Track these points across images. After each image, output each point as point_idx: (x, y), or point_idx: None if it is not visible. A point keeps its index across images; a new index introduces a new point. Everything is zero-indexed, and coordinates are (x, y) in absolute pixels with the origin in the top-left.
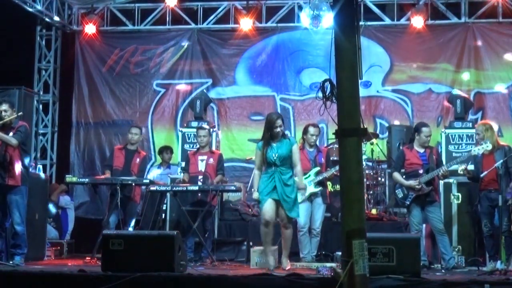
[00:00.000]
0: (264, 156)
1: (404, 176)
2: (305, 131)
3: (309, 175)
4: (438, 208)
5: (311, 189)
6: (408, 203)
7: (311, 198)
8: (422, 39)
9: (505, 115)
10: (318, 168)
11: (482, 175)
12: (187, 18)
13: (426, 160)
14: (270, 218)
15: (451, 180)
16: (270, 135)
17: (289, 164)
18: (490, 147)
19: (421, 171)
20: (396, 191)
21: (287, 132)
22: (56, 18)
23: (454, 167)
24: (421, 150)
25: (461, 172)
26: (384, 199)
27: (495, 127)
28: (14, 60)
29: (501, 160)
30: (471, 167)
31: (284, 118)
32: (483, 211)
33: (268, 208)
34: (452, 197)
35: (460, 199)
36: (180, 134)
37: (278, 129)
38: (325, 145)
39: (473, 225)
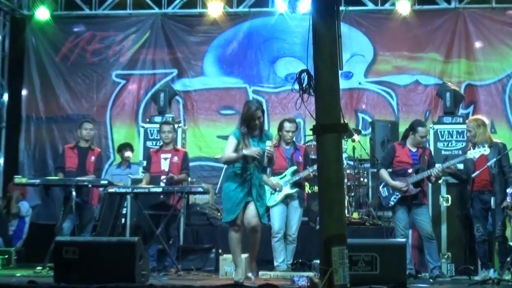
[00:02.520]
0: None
1: (391, 174)
2: (281, 127)
3: (285, 174)
4: (426, 211)
5: (287, 190)
6: (392, 204)
7: (286, 200)
8: (409, 26)
9: (499, 109)
10: (295, 168)
11: (473, 175)
12: (149, 2)
13: (417, 160)
14: (241, 222)
15: (440, 181)
16: (247, 128)
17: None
18: (487, 151)
19: (410, 171)
20: (381, 189)
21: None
22: (4, 2)
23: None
24: (414, 149)
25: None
26: (366, 201)
27: (488, 122)
28: None
29: (494, 159)
30: (460, 166)
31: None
32: (475, 215)
33: (241, 212)
34: (441, 199)
35: (450, 202)
36: (142, 130)
37: (257, 122)
38: (302, 142)
39: (464, 230)
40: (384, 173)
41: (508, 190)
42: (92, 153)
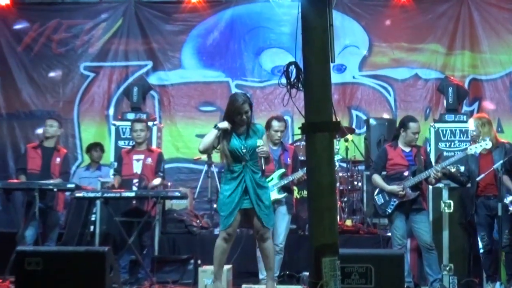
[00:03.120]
0: (226, 149)
1: (385, 179)
2: (268, 126)
3: (272, 178)
4: (425, 218)
5: (274, 195)
6: (389, 211)
7: (274, 206)
8: (408, 14)
9: (506, 106)
10: (283, 170)
11: (478, 179)
12: None
13: (413, 160)
14: (233, 231)
15: (441, 185)
16: (233, 123)
17: (257, 159)
18: (489, 145)
19: (406, 174)
20: (376, 197)
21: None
22: None
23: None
24: (407, 149)
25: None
26: (361, 207)
27: (494, 121)
28: None
29: (501, 161)
30: (461, 168)
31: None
32: (480, 222)
33: (236, 220)
34: (443, 205)
35: (452, 208)
36: (113, 128)
37: (244, 117)
38: (290, 142)
39: (468, 239)
40: (378, 178)
41: (508, 199)
42: (57, 154)
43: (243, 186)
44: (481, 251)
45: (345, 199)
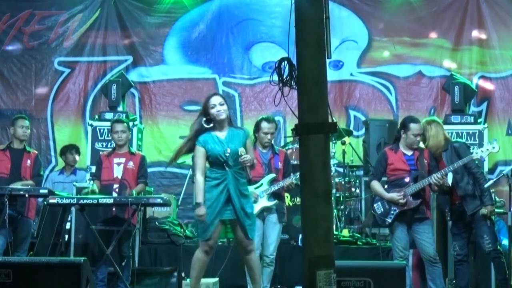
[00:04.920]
0: (207, 154)
1: (386, 186)
2: (258, 128)
3: (262, 183)
4: (429, 228)
5: (264, 202)
6: (390, 221)
7: (263, 214)
8: (411, 6)
9: None
10: (273, 175)
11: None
12: None
13: (415, 165)
14: (215, 243)
15: None
16: (206, 123)
17: (242, 165)
18: (497, 148)
19: (407, 180)
20: (375, 205)
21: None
22: None
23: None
24: (409, 153)
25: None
26: (359, 216)
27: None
28: None
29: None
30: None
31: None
32: (452, 230)
33: (217, 230)
34: (448, 213)
35: None
36: (89, 129)
37: (219, 108)
38: (282, 144)
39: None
40: (377, 185)
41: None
42: (28, 157)
43: (226, 195)
44: (455, 261)
45: (342, 207)
